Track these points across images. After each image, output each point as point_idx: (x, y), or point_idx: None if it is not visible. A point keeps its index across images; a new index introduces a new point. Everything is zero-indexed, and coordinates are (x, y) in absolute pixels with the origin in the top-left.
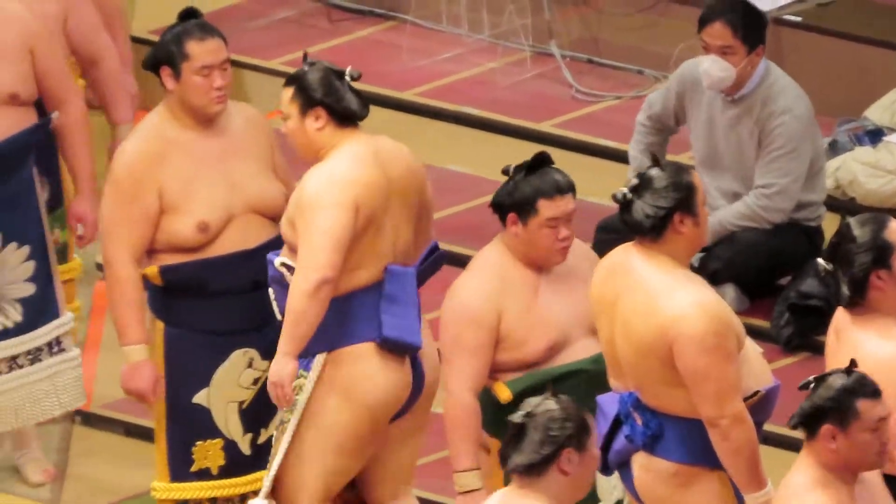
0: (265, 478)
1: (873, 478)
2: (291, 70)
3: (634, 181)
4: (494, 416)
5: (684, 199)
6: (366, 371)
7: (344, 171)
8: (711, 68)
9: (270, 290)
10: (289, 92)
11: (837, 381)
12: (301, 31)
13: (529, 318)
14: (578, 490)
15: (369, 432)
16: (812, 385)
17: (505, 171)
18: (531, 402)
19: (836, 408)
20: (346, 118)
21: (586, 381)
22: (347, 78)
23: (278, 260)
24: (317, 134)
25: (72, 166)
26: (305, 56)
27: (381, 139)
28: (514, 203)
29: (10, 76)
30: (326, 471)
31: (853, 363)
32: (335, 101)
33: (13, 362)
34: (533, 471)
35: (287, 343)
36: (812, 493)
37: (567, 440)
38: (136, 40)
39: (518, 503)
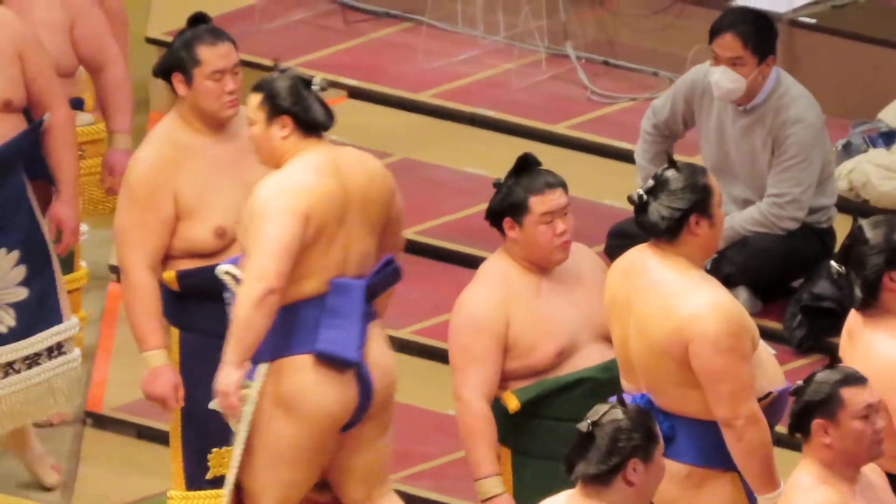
0: (224, 491)
1: (878, 479)
2: (307, 72)
3: (650, 182)
4: (504, 424)
5: (700, 200)
6: (304, 383)
7: (297, 181)
8: (721, 80)
9: (225, 295)
10: (257, 98)
11: (820, 376)
12: (316, 33)
13: (537, 323)
14: (643, 500)
15: (314, 444)
16: (801, 387)
17: (496, 185)
18: (599, 411)
19: (821, 400)
20: (312, 128)
21: (595, 390)
22: (315, 88)
23: (221, 268)
24: (281, 142)
25: (54, 170)
26: (276, 63)
27: (344, 150)
28: (506, 207)
29: (3, 82)
30: (278, 482)
31: (834, 359)
32: (302, 110)
33: (10, 368)
34: (598, 480)
35: (232, 352)
36: (814, 492)
37: (633, 451)
38: (152, 41)
39: None
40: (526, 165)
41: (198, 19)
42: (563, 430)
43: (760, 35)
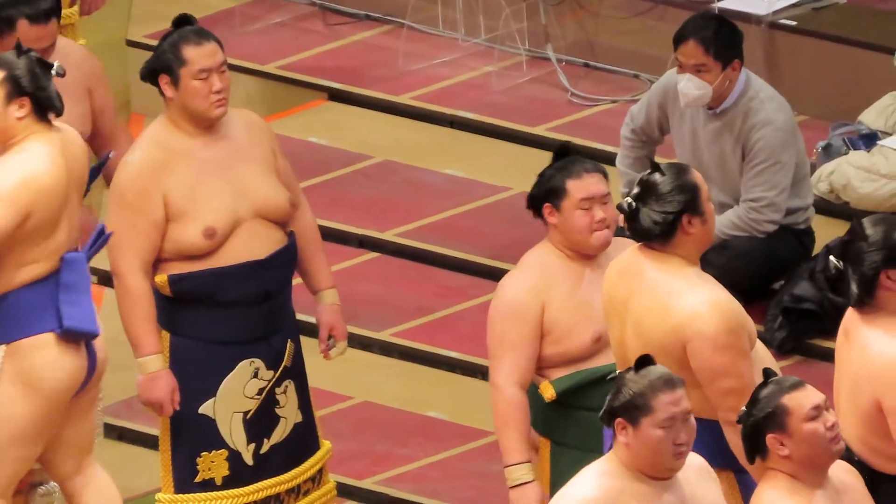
0: None
1: (853, 480)
2: (288, 74)
3: (637, 189)
4: (542, 414)
5: (690, 200)
6: (46, 360)
7: (27, 172)
8: (687, 87)
9: None
10: None
11: (761, 394)
12: (297, 36)
13: (574, 309)
14: (644, 464)
15: (51, 418)
16: (746, 411)
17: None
18: (645, 364)
19: (767, 415)
20: (46, 112)
21: None
22: (53, 73)
23: None
24: (16, 122)
25: None
26: (19, 45)
27: (66, 131)
28: (546, 192)
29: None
30: (12, 459)
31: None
32: (43, 94)
33: None
34: (611, 431)
35: None
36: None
37: (618, 409)
38: (132, 44)
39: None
40: (565, 153)
41: (183, 20)
42: (599, 422)
43: (722, 40)
